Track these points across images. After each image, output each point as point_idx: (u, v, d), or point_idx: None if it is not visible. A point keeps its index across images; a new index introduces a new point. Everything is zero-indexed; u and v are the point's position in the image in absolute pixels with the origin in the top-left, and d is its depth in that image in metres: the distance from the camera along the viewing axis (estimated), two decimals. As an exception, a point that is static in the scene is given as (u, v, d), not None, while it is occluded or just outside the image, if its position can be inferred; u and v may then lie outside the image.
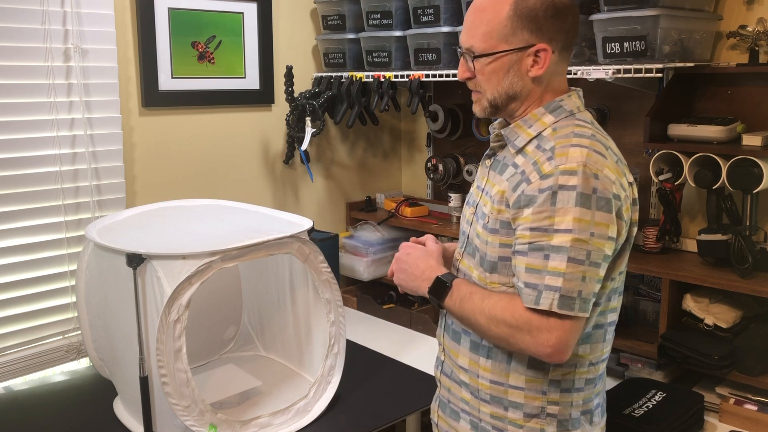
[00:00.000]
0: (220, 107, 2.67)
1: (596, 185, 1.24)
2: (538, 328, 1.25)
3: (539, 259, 1.25)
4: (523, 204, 1.28)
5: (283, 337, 2.15)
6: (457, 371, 1.47)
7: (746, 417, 1.93)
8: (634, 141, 2.40)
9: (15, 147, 2.13)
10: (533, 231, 1.26)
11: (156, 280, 1.61)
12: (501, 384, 1.39)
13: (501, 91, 1.35)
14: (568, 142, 1.29)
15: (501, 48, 1.32)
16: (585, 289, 1.25)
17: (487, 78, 1.35)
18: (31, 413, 1.91)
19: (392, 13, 2.62)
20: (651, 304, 2.34)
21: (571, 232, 1.23)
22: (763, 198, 2.12)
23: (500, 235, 1.33)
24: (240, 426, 1.74)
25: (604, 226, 1.25)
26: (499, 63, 1.33)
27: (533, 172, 1.28)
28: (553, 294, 1.23)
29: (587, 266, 1.24)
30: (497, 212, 1.34)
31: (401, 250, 1.51)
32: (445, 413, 1.52)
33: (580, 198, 1.23)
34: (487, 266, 1.37)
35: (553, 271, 1.24)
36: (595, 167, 1.25)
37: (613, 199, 1.26)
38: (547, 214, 1.24)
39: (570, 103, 1.37)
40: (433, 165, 2.88)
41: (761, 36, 2.06)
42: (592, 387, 1.41)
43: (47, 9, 2.14)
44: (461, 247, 1.49)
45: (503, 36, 1.31)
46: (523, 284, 1.27)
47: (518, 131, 1.37)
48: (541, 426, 1.37)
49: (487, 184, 1.42)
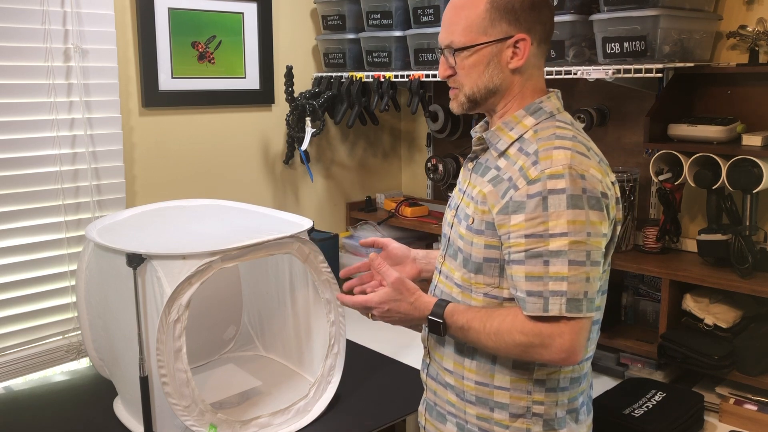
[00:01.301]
0: (220, 107, 2.67)
1: (584, 185, 1.25)
2: (551, 336, 1.25)
3: (539, 266, 1.25)
4: (512, 210, 1.27)
5: (283, 337, 2.15)
6: (442, 374, 1.47)
7: (746, 417, 1.93)
8: (634, 141, 2.40)
9: (15, 147, 2.13)
10: (528, 238, 1.26)
11: (156, 280, 1.61)
12: (486, 385, 1.39)
13: (481, 85, 1.36)
14: (550, 144, 1.29)
15: (481, 40, 1.33)
16: (590, 289, 1.25)
17: (467, 72, 1.36)
18: (31, 413, 1.91)
19: (392, 13, 2.62)
20: (651, 304, 2.34)
21: (566, 235, 1.23)
22: (763, 198, 2.12)
23: (485, 236, 1.33)
24: (240, 426, 1.74)
25: (598, 224, 1.26)
26: (479, 56, 1.34)
27: (520, 177, 1.28)
28: (560, 299, 1.23)
29: (589, 267, 1.25)
30: (481, 213, 1.34)
31: (374, 308, 1.43)
32: (432, 416, 1.52)
33: (571, 200, 1.23)
34: (472, 267, 1.37)
35: (556, 275, 1.24)
36: (580, 168, 1.26)
37: (602, 198, 1.27)
38: (540, 220, 1.25)
39: (550, 104, 1.37)
40: (433, 165, 2.88)
41: (761, 36, 2.06)
42: (576, 386, 1.41)
43: (47, 9, 2.14)
44: (443, 250, 1.48)
45: (482, 29, 1.32)
46: (526, 293, 1.26)
47: (500, 134, 1.37)
48: (527, 426, 1.37)
49: (468, 186, 1.42)
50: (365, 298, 1.44)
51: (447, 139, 2.95)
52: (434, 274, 1.54)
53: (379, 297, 1.42)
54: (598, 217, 1.26)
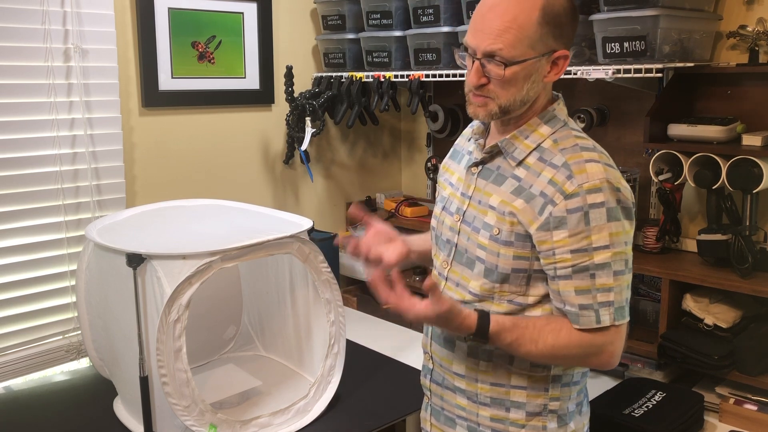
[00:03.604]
0: (220, 107, 2.67)
1: (620, 197, 1.29)
2: (604, 344, 1.30)
3: (586, 279, 1.28)
4: (553, 226, 1.28)
5: (283, 337, 2.15)
6: (450, 378, 1.46)
7: (746, 417, 1.93)
8: (634, 141, 2.40)
9: (15, 147, 2.13)
10: (574, 253, 1.27)
11: (156, 280, 1.61)
12: (502, 385, 1.39)
13: (518, 98, 1.31)
14: (580, 157, 1.29)
15: (529, 55, 1.27)
16: (629, 295, 1.33)
17: (507, 85, 1.29)
18: (31, 413, 1.91)
19: (392, 13, 2.62)
20: (651, 304, 2.34)
21: (609, 248, 1.27)
22: (763, 198, 2.12)
23: (515, 248, 1.32)
24: (240, 426, 1.74)
25: (630, 232, 1.32)
26: (524, 70, 1.28)
27: (556, 192, 1.28)
28: (609, 309, 1.28)
29: (627, 274, 1.31)
30: (510, 224, 1.32)
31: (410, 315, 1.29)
32: (439, 421, 1.51)
33: (610, 212, 1.27)
34: (498, 278, 1.35)
35: (602, 287, 1.28)
36: (615, 181, 1.29)
37: (632, 207, 1.32)
38: (584, 235, 1.27)
39: (561, 111, 1.38)
40: (433, 165, 2.88)
41: (761, 36, 2.06)
42: (585, 378, 1.46)
43: (47, 9, 2.14)
44: (448, 256, 1.44)
45: (532, 43, 1.26)
46: (578, 307, 1.29)
47: (515, 143, 1.35)
48: (543, 423, 1.39)
49: (476, 191, 1.39)
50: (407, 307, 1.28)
51: (447, 139, 2.95)
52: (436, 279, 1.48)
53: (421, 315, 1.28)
54: (630, 226, 1.31)
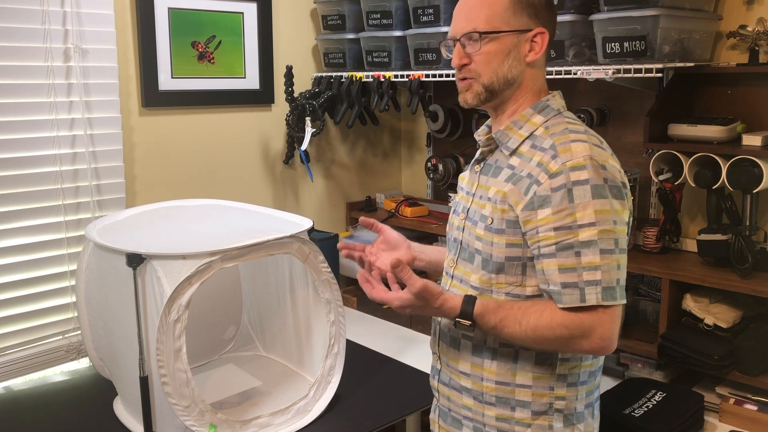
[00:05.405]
0: (220, 107, 2.67)
1: (606, 175, 1.27)
2: (591, 327, 1.26)
3: (571, 257, 1.26)
4: (537, 205, 1.28)
5: (283, 337, 2.15)
6: (456, 378, 1.46)
7: (746, 417, 1.93)
8: (634, 141, 2.40)
9: (15, 147, 2.13)
10: (558, 231, 1.26)
11: (156, 280, 1.61)
12: (507, 384, 1.39)
13: (500, 74, 1.36)
14: (566, 138, 1.30)
15: (503, 28, 1.34)
16: (621, 276, 1.28)
17: (487, 61, 1.35)
18: (31, 413, 1.91)
19: (392, 13, 2.62)
20: (651, 304, 2.34)
21: (595, 225, 1.25)
22: (763, 198, 2.12)
23: (507, 235, 1.33)
24: (240, 426, 1.74)
25: (621, 212, 1.29)
26: (501, 45, 1.34)
27: (541, 172, 1.29)
28: (596, 288, 1.25)
29: (618, 254, 1.27)
30: (501, 212, 1.34)
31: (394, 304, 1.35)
32: (447, 422, 1.51)
33: (595, 189, 1.25)
34: (493, 268, 1.36)
35: (589, 265, 1.25)
36: (600, 158, 1.28)
37: (622, 187, 1.29)
38: (567, 212, 1.26)
39: (556, 102, 1.40)
40: (433, 165, 2.88)
41: (761, 36, 2.06)
42: (594, 379, 1.43)
43: (47, 9, 2.14)
44: (455, 255, 1.47)
45: (505, 19, 1.34)
46: (561, 285, 1.27)
47: (509, 133, 1.38)
48: (549, 422, 1.38)
49: (479, 188, 1.42)
50: (387, 297, 1.36)
51: (447, 139, 2.95)
52: (444, 278, 1.52)
53: (401, 301, 1.34)
54: (621, 205, 1.28)
